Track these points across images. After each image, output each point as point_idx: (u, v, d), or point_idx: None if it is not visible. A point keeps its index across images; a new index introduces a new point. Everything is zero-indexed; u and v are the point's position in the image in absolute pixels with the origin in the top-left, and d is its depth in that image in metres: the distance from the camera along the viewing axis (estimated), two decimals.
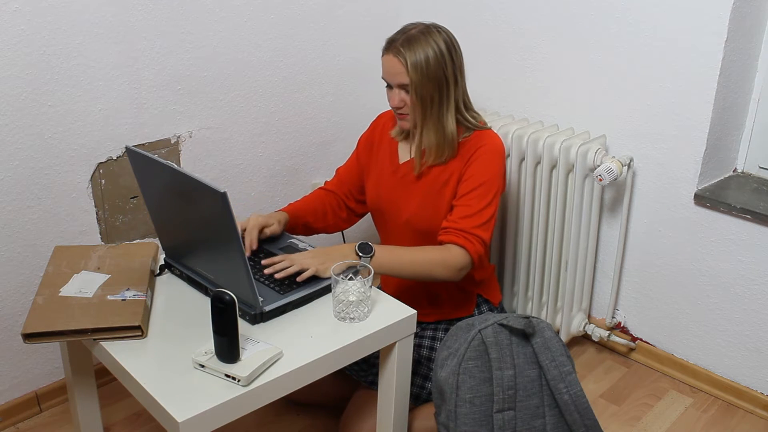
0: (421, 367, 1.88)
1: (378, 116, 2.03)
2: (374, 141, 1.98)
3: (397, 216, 1.89)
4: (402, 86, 1.75)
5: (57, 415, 2.08)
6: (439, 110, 1.76)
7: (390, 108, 1.86)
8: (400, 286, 1.95)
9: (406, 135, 1.91)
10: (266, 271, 1.60)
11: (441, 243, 1.76)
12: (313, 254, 1.64)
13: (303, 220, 1.92)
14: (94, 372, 1.73)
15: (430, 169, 1.84)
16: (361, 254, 1.64)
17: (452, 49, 1.76)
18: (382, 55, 1.78)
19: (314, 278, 1.60)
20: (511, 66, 2.39)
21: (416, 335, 1.91)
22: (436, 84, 1.73)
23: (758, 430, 2.09)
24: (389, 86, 1.80)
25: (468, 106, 1.83)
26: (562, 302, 2.33)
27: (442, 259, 1.72)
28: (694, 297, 2.20)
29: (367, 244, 1.66)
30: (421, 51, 1.71)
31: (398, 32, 1.77)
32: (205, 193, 1.35)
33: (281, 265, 1.60)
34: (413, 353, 1.87)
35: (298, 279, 1.58)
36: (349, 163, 2.03)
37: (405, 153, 1.91)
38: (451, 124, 1.78)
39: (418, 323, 1.93)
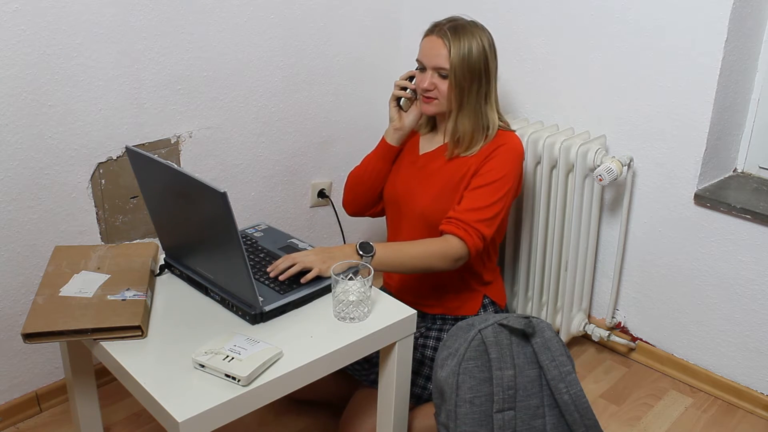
0: (424, 367, 1.88)
1: None
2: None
3: (411, 208, 1.90)
4: (437, 69, 1.78)
5: (57, 415, 2.08)
6: (476, 101, 1.80)
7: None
8: (404, 278, 1.96)
9: (432, 127, 1.95)
10: (271, 275, 1.59)
11: (442, 232, 1.77)
12: (315, 253, 1.63)
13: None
14: (94, 372, 1.73)
15: (451, 159, 1.86)
16: (362, 253, 1.64)
17: (493, 49, 1.82)
18: (423, 37, 1.82)
19: (315, 278, 1.60)
20: (510, 66, 2.39)
21: (422, 335, 1.91)
22: (475, 75, 1.77)
23: (758, 430, 2.09)
24: (422, 69, 1.82)
25: (497, 108, 1.87)
26: (562, 302, 2.33)
27: (440, 250, 1.73)
28: (694, 297, 2.20)
29: (368, 243, 1.67)
30: (466, 40, 1.76)
31: (445, 19, 1.82)
32: (205, 193, 1.35)
33: (283, 265, 1.60)
34: (418, 353, 1.88)
35: (302, 280, 1.58)
36: None
37: (426, 145, 1.94)
38: (492, 117, 1.83)
39: (423, 317, 1.94)
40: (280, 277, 1.58)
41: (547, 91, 2.34)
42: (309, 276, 1.58)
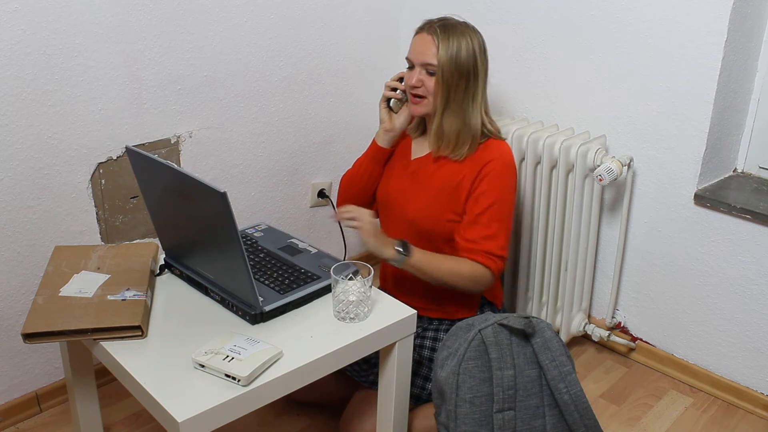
0: (422, 368, 1.87)
1: None
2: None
3: (402, 213, 1.90)
4: (425, 66, 1.78)
5: (57, 415, 2.08)
6: (463, 99, 1.79)
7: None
8: (402, 283, 1.94)
9: (423, 131, 1.94)
10: (337, 216, 1.77)
11: (465, 258, 1.79)
12: (373, 221, 1.73)
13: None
14: (94, 372, 1.73)
15: (442, 166, 1.85)
16: (400, 249, 1.71)
17: (484, 51, 1.82)
18: (414, 35, 1.82)
19: (314, 278, 1.60)
20: (510, 66, 2.39)
21: (418, 335, 1.91)
22: (463, 75, 1.77)
23: (758, 430, 2.09)
24: (411, 67, 1.82)
25: (487, 112, 1.86)
26: (562, 302, 2.33)
27: (470, 273, 1.77)
28: (694, 297, 2.20)
29: (407, 243, 1.73)
30: (455, 39, 1.75)
31: (436, 18, 1.82)
32: (205, 193, 1.35)
33: (348, 214, 1.72)
34: (415, 354, 1.87)
35: (347, 224, 1.73)
36: None
37: (418, 149, 1.93)
38: (476, 119, 1.81)
39: (420, 318, 1.93)
40: (339, 217, 1.74)
41: (547, 91, 2.34)
42: (352, 224, 1.71)
